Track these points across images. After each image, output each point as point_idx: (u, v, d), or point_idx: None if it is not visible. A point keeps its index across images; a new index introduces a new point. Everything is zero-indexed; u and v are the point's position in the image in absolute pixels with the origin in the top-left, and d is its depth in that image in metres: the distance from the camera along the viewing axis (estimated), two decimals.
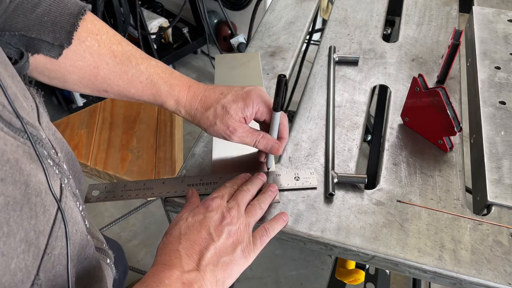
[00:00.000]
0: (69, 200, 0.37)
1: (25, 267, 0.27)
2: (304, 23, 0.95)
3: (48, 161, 0.35)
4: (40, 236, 0.30)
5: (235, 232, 0.48)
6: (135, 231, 1.68)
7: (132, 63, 0.53)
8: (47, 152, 0.36)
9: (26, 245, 0.28)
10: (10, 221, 0.27)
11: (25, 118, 0.34)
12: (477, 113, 0.74)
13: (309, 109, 0.75)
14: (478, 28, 0.89)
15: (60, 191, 0.36)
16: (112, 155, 1.08)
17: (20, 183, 0.29)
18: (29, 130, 0.33)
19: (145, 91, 0.55)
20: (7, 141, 0.29)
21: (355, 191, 0.62)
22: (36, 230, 0.30)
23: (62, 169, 0.39)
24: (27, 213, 0.29)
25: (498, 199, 0.60)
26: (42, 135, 0.36)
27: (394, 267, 0.55)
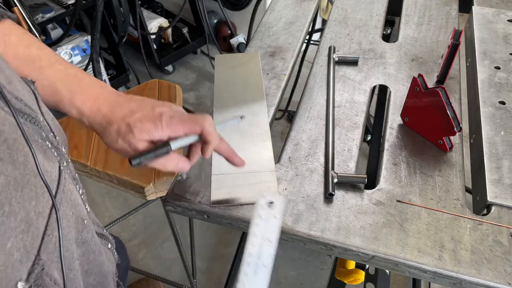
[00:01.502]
0: (68, 183, 0.37)
1: (24, 247, 0.27)
2: (304, 23, 0.95)
3: (46, 143, 0.35)
4: (40, 217, 0.30)
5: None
6: (135, 231, 1.68)
7: (35, 66, 0.50)
8: (45, 134, 0.36)
9: (26, 225, 0.28)
10: (12, 201, 0.27)
11: (23, 99, 0.34)
12: (477, 113, 0.74)
13: (309, 109, 0.75)
14: (478, 28, 0.89)
15: (59, 173, 0.36)
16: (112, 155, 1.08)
17: (19, 163, 0.29)
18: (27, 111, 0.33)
19: (47, 97, 0.50)
20: (6, 120, 0.29)
21: (355, 191, 0.62)
22: (36, 211, 0.30)
23: (60, 152, 0.39)
24: (28, 194, 0.29)
25: (498, 199, 0.60)
26: (40, 118, 0.36)
27: (394, 267, 0.55)
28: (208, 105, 2.21)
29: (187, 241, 1.58)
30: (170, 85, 1.29)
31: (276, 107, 0.76)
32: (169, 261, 1.59)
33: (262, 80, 0.79)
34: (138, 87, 1.29)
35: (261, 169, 0.64)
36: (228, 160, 0.57)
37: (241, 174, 0.63)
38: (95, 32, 1.72)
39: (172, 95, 1.25)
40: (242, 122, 0.70)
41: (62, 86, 0.51)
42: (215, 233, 1.67)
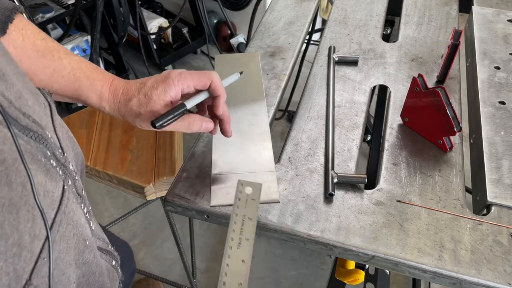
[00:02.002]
0: (71, 202, 0.36)
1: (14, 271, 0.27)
2: (303, 23, 0.95)
3: (50, 162, 0.35)
4: (35, 240, 0.29)
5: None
6: (135, 231, 1.68)
7: (54, 57, 0.53)
8: (51, 152, 0.35)
9: (18, 248, 0.27)
10: (5, 224, 0.26)
11: (31, 115, 0.33)
12: (476, 113, 0.74)
13: (309, 109, 0.75)
14: (478, 28, 0.89)
15: (62, 193, 0.35)
16: (111, 155, 1.08)
17: (17, 184, 0.28)
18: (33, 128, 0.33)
19: (67, 85, 0.54)
20: (6, 140, 0.28)
21: (355, 191, 0.62)
22: (32, 233, 0.29)
23: (67, 169, 0.38)
24: (24, 216, 0.28)
25: (498, 199, 0.60)
26: (48, 134, 0.35)
27: (394, 267, 0.55)
28: None
29: (187, 241, 1.58)
30: None
31: (276, 107, 0.76)
32: (169, 261, 1.59)
33: (262, 80, 0.79)
34: None
35: (261, 169, 0.64)
36: (221, 126, 0.60)
37: (241, 174, 0.63)
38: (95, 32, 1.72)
39: None
40: (242, 123, 0.70)
41: (81, 73, 0.54)
42: (215, 233, 1.67)
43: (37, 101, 0.37)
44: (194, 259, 1.54)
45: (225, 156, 0.66)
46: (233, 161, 0.65)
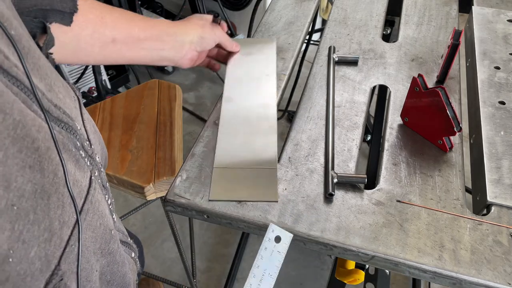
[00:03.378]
0: (97, 193, 0.37)
1: (45, 256, 0.28)
2: (303, 23, 0.95)
3: (80, 152, 0.36)
4: (64, 227, 0.30)
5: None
6: (135, 231, 1.68)
7: (127, 10, 0.64)
8: (80, 143, 0.36)
9: (49, 234, 0.28)
10: (37, 209, 0.27)
11: (62, 107, 0.34)
12: (476, 113, 0.74)
13: (309, 109, 0.75)
14: (478, 28, 0.89)
15: (89, 183, 0.36)
16: (111, 155, 1.08)
17: (49, 172, 0.29)
18: (64, 119, 0.34)
19: (147, 28, 0.65)
20: (41, 128, 0.29)
21: (355, 191, 0.62)
22: (61, 220, 0.30)
23: (94, 161, 0.39)
24: (55, 203, 0.29)
25: (498, 199, 0.60)
26: (77, 126, 0.36)
27: (394, 267, 0.55)
28: (208, 105, 2.21)
29: (187, 241, 1.58)
30: (170, 85, 1.29)
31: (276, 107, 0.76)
32: (169, 261, 1.59)
33: (275, 70, 0.79)
34: (138, 87, 1.29)
35: (263, 165, 0.64)
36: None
37: (242, 170, 0.63)
38: None
39: (172, 95, 1.25)
40: (251, 114, 0.71)
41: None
42: (215, 233, 1.67)
43: (68, 94, 0.38)
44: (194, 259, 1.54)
45: (229, 148, 0.66)
46: (237, 154, 0.65)
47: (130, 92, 1.27)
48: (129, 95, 1.26)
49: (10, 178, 0.25)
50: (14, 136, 0.26)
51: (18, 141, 0.26)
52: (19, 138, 0.26)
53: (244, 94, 0.74)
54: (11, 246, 0.24)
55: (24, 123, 0.27)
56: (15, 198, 0.25)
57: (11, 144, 0.25)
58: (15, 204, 0.25)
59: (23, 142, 0.27)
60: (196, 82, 2.35)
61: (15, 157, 0.26)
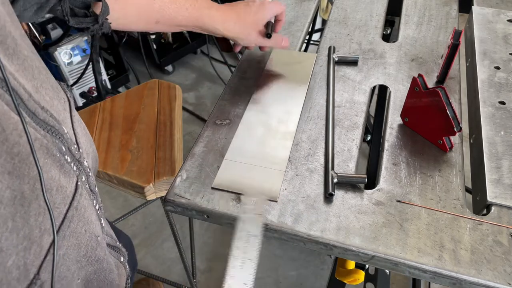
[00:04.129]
0: (83, 199, 0.37)
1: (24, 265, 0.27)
2: (303, 23, 0.95)
3: (65, 157, 0.35)
4: (45, 234, 0.29)
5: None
6: (134, 231, 1.68)
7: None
8: (66, 147, 0.35)
9: (28, 242, 0.27)
10: (16, 216, 0.26)
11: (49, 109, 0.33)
12: (476, 113, 0.74)
13: (309, 109, 0.75)
14: (478, 28, 0.89)
15: (75, 189, 0.35)
16: (111, 155, 1.08)
17: (29, 178, 0.28)
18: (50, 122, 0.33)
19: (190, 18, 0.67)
20: (22, 133, 0.28)
21: (355, 191, 0.62)
22: (42, 228, 0.29)
23: (81, 165, 0.38)
24: (36, 210, 0.28)
25: (498, 199, 0.60)
26: (65, 129, 0.35)
27: (394, 267, 0.55)
28: (208, 105, 2.21)
29: (187, 241, 1.58)
30: (170, 85, 1.29)
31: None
32: (169, 261, 1.59)
33: (308, 82, 0.80)
34: (138, 87, 1.29)
35: (272, 166, 0.64)
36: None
37: (251, 166, 0.64)
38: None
39: (172, 95, 1.25)
40: (272, 117, 0.73)
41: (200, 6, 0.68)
42: (215, 233, 1.67)
43: (56, 95, 0.37)
44: (194, 259, 1.54)
45: (243, 145, 0.67)
46: (249, 151, 0.67)
47: (130, 92, 1.27)
48: (129, 95, 1.26)
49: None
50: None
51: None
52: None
53: (272, 99, 0.76)
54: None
55: (4, 127, 0.26)
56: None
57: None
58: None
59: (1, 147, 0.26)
60: (196, 82, 2.35)
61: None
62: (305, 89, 0.78)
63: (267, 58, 0.86)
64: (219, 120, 0.73)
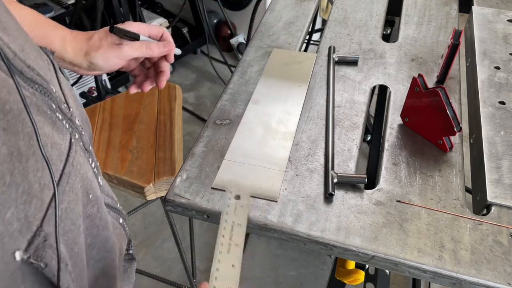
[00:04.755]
0: (78, 156, 0.37)
1: (25, 218, 0.27)
2: (303, 23, 0.95)
3: (56, 115, 0.35)
4: (45, 189, 0.30)
5: None
6: (134, 231, 1.68)
7: (16, 8, 0.58)
8: (56, 105, 0.35)
9: (28, 196, 0.28)
10: (15, 172, 0.27)
11: (35, 68, 0.33)
12: (476, 113, 0.74)
13: (309, 109, 0.75)
14: (478, 28, 0.89)
15: (69, 146, 0.35)
16: (111, 155, 1.08)
17: (24, 135, 0.28)
18: (38, 81, 0.33)
19: (32, 32, 0.57)
20: (12, 90, 0.28)
21: (355, 191, 0.62)
22: (41, 182, 0.29)
23: (73, 124, 0.38)
24: (33, 165, 0.29)
25: (498, 199, 0.60)
26: (53, 88, 0.36)
27: (394, 267, 0.55)
28: (208, 105, 2.21)
29: (187, 241, 1.58)
30: (170, 85, 1.29)
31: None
32: (169, 261, 1.59)
33: (308, 82, 0.80)
34: None
35: (272, 166, 0.64)
36: (161, 78, 0.70)
37: (251, 166, 0.64)
38: None
39: (172, 95, 1.25)
40: (272, 118, 0.73)
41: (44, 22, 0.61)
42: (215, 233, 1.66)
43: (40, 56, 0.38)
44: (194, 259, 1.54)
45: (243, 145, 0.68)
46: (249, 152, 0.67)
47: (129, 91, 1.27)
48: (129, 95, 1.26)
49: None
50: None
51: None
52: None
53: (272, 99, 0.76)
54: None
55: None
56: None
57: None
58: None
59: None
60: (196, 82, 2.35)
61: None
62: (305, 89, 0.78)
63: (267, 58, 0.86)
64: (219, 120, 0.73)
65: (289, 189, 0.62)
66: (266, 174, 0.63)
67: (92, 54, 0.61)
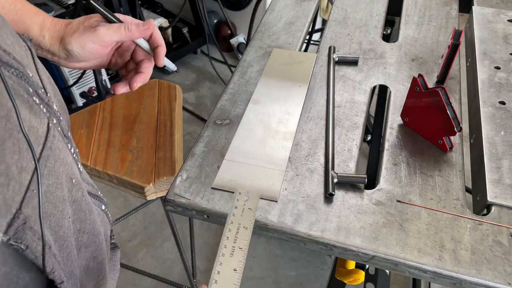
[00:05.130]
0: (57, 140, 0.36)
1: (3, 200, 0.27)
2: (304, 23, 0.95)
3: (33, 99, 0.35)
4: (23, 172, 0.30)
5: None
6: (135, 231, 1.68)
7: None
8: (33, 89, 0.35)
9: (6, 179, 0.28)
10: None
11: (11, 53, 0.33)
12: (477, 113, 0.74)
13: (309, 109, 0.75)
14: (478, 28, 0.89)
15: (47, 130, 0.35)
16: (111, 155, 1.08)
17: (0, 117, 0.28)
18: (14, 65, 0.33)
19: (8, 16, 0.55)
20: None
21: (355, 191, 0.62)
22: (19, 165, 0.29)
23: (51, 109, 0.38)
24: (10, 148, 0.28)
25: (498, 199, 0.60)
26: (29, 73, 0.35)
27: (394, 267, 0.55)
28: (208, 105, 2.21)
29: (187, 241, 1.58)
30: (170, 85, 1.29)
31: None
32: (169, 261, 1.59)
33: (309, 82, 0.80)
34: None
35: (272, 166, 0.64)
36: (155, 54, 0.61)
37: (251, 166, 0.64)
38: None
39: (172, 95, 1.25)
40: (272, 118, 0.72)
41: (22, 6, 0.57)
42: (215, 233, 1.67)
43: (17, 42, 0.37)
44: (194, 259, 1.54)
45: (243, 145, 0.68)
46: (249, 151, 0.67)
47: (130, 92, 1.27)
48: (129, 95, 1.25)
49: None
50: None
51: None
52: None
53: (272, 99, 0.76)
54: None
55: None
56: None
57: None
58: None
59: None
60: (196, 82, 2.35)
61: None
62: (305, 89, 0.78)
63: (267, 58, 0.86)
64: (219, 120, 0.73)
65: (289, 189, 0.62)
66: (266, 174, 0.63)
67: (67, 39, 0.56)
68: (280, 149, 0.67)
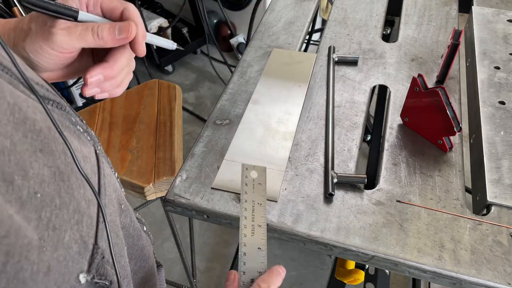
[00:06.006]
0: (105, 166, 0.36)
1: (81, 238, 0.26)
2: (303, 23, 0.95)
3: (77, 128, 0.33)
4: (91, 205, 0.29)
5: None
6: None
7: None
8: (74, 119, 0.34)
9: (79, 215, 0.27)
10: (61, 192, 0.26)
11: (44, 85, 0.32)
12: (476, 113, 0.74)
13: (309, 109, 0.75)
14: (478, 28, 0.89)
15: (96, 157, 0.34)
16: (111, 155, 1.08)
17: (59, 153, 0.27)
18: (51, 97, 0.31)
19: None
20: (36, 109, 0.27)
21: (355, 191, 0.62)
22: (86, 199, 0.28)
23: (91, 135, 0.37)
24: (75, 183, 0.28)
25: (498, 199, 0.60)
26: (64, 102, 0.34)
27: (394, 267, 0.55)
28: (208, 105, 2.21)
29: (187, 241, 1.58)
30: (170, 85, 1.29)
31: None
32: (169, 261, 1.59)
33: (308, 82, 0.80)
34: (137, 87, 1.29)
35: (272, 166, 0.64)
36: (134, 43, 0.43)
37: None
38: None
39: (172, 95, 1.25)
40: (272, 118, 0.72)
41: None
42: (215, 233, 1.67)
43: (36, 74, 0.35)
44: (194, 259, 1.54)
45: (243, 145, 0.68)
46: (249, 152, 0.67)
47: (130, 92, 1.27)
48: (129, 95, 1.25)
49: (25, 166, 0.23)
50: (15, 121, 0.24)
51: (20, 125, 0.24)
52: (20, 122, 0.24)
53: (271, 99, 0.76)
54: (41, 236, 0.23)
55: (19, 105, 0.25)
56: (36, 185, 0.24)
57: (14, 130, 0.24)
58: (38, 192, 0.24)
59: (24, 126, 0.25)
60: (196, 82, 2.35)
61: (23, 143, 0.24)
62: (305, 89, 0.78)
63: (267, 58, 0.86)
64: (219, 120, 0.73)
65: (289, 189, 0.62)
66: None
67: (20, 45, 0.39)
68: (280, 149, 0.67)
